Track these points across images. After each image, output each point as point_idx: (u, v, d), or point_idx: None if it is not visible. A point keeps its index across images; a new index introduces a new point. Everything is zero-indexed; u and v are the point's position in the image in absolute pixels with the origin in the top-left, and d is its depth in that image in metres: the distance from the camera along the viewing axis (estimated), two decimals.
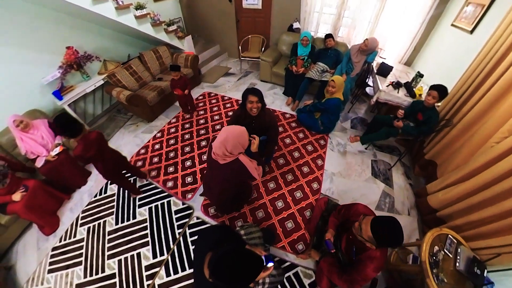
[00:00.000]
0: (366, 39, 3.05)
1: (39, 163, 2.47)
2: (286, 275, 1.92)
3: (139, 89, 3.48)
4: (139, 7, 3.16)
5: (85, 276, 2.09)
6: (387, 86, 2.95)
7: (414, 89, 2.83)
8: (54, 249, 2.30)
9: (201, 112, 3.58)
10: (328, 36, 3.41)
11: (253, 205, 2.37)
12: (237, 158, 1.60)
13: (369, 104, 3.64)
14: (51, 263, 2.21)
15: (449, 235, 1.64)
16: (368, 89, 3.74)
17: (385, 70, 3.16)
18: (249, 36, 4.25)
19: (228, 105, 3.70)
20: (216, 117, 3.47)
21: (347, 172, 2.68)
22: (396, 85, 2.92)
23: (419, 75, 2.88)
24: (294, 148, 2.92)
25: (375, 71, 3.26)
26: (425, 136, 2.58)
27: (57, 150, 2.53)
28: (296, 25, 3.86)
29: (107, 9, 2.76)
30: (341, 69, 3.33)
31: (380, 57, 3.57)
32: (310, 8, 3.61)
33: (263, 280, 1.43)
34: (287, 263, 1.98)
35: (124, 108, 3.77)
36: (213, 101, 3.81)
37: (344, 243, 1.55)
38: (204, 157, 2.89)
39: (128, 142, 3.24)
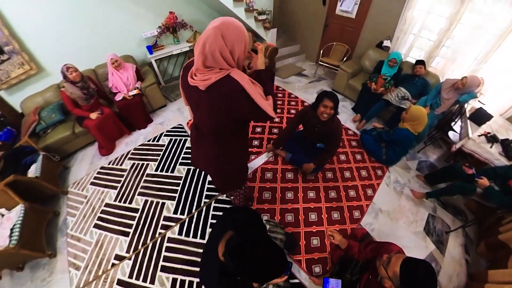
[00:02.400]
0: (465, 77, 2.60)
1: (118, 98, 2.90)
2: None
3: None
4: None
5: (115, 200, 2.38)
6: (479, 136, 2.45)
7: None
8: (102, 168, 2.71)
9: None
10: (420, 62, 3.03)
11: (285, 205, 2.26)
12: (228, 75, 0.94)
13: (447, 149, 3.10)
14: (95, 178, 2.60)
15: None
16: (451, 134, 3.18)
17: (481, 117, 2.63)
18: (334, 43, 4.12)
19: (293, 103, 3.65)
20: (278, 110, 3.43)
21: (396, 215, 2.31)
22: (491, 138, 2.40)
23: None
24: (347, 167, 2.69)
25: (468, 115, 2.74)
26: (509, 212, 2.04)
27: (134, 92, 2.94)
28: (386, 43, 3.56)
29: None
30: (426, 101, 2.92)
31: (479, 101, 3.00)
32: (407, 28, 3.28)
33: (268, 287, 1.31)
34: (296, 280, 1.81)
35: None
36: (279, 95, 3.81)
37: (362, 283, 1.32)
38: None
39: None
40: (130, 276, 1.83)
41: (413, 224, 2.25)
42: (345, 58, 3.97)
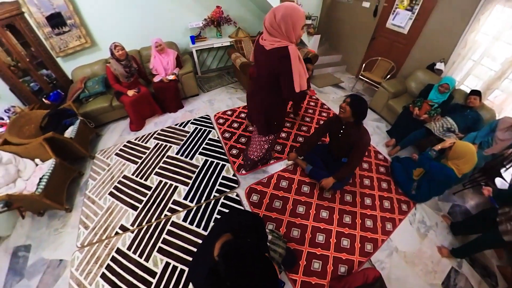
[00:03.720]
0: None
1: (155, 79, 3.07)
2: None
3: (254, 62, 3.76)
4: None
5: (133, 174, 2.51)
6: None
7: None
8: (128, 142, 2.90)
9: None
10: (475, 93, 2.66)
11: (294, 219, 2.14)
12: (286, 47, 1.34)
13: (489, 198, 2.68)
14: (120, 150, 2.79)
15: None
16: (498, 181, 2.74)
17: None
18: (378, 58, 3.86)
19: (324, 114, 3.47)
20: (307, 119, 3.32)
21: (414, 259, 2.04)
22: None
23: None
24: (369, 194, 2.46)
25: None
26: None
27: (171, 77, 3.09)
28: (439, 66, 3.21)
29: None
30: (475, 138, 2.56)
31: None
32: (466, 52, 2.91)
33: None
34: None
35: (233, 73, 4.19)
36: (312, 103, 3.68)
37: None
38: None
39: (222, 99, 3.65)
40: (129, 248, 1.91)
41: (431, 274, 1.96)
42: (388, 76, 3.70)
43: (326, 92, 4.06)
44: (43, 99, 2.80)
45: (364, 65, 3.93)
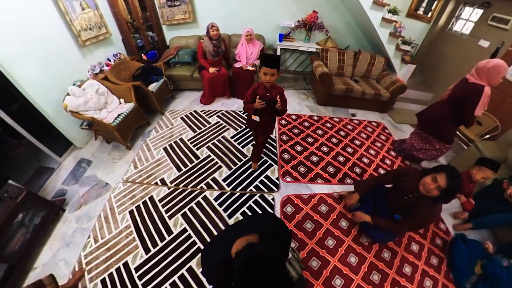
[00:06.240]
0: None
1: (236, 65, 3.25)
2: None
3: (334, 75, 3.61)
4: (393, 11, 3.09)
5: (188, 140, 2.70)
6: None
7: None
8: (195, 111, 3.15)
9: (363, 135, 3.08)
10: None
11: (319, 248, 1.85)
12: (482, 86, 1.80)
13: None
14: (186, 116, 3.06)
15: None
16: None
17: None
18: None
19: (392, 153, 2.87)
20: (371, 151, 2.83)
21: None
22: None
23: None
24: (412, 262, 1.91)
25: None
26: None
27: (250, 67, 3.20)
28: None
29: None
30: None
31: None
32: None
33: None
34: None
35: (310, 80, 4.10)
36: (382, 137, 3.12)
37: None
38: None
39: (290, 102, 3.52)
40: (160, 201, 2.01)
41: None
42: (487, 136, 2.93)
43: (402, 130, 3.49)
44: (142, 55, 3.32)
45: None
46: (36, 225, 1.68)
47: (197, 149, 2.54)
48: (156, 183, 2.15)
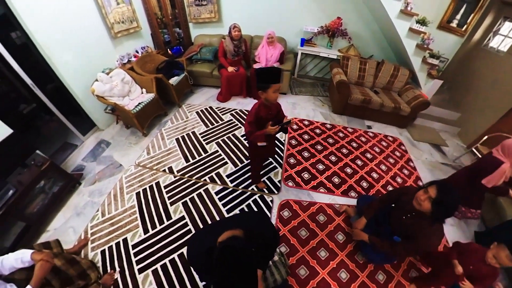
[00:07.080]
0: None
1: (255, 66, 3.31)
2: None
3: (353, 84, 3.53)
4: (422, 22, 2.95)
5: (200, 134, 2.82)
6: None
7: None
8: (210, 107, 3.28)
9: (376, 149, 2.95)
10: None
11: (309, 258, 1.81)
12: (502, 162, 1.75)
13: None
14: (201, 111, 3.21)
15: None
16: None
17: None
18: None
19: (405, 171, 2.67)
20: (383, 167, 2.68)
21: None
22: None
23: None
24: None
25: None
26: None
27: None
28: None
29: (392, 6, 2.82)
30: None
31: None
32: None
33: None
34: None
35: (328, 87, 4.05)
36: (397, 153, 2.95)
37: None
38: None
39: (305, 107, 3.56)
40: (165, 187, 2.14)
41: None
42: None
43: (420, 148, 3.25)
44: (168, 49, 3.52)
45: (486, 137, 2.98)
46: (54, 193, 1.88)
47: (207, 143, 2.64)
48: (164, 170, 2.28)
